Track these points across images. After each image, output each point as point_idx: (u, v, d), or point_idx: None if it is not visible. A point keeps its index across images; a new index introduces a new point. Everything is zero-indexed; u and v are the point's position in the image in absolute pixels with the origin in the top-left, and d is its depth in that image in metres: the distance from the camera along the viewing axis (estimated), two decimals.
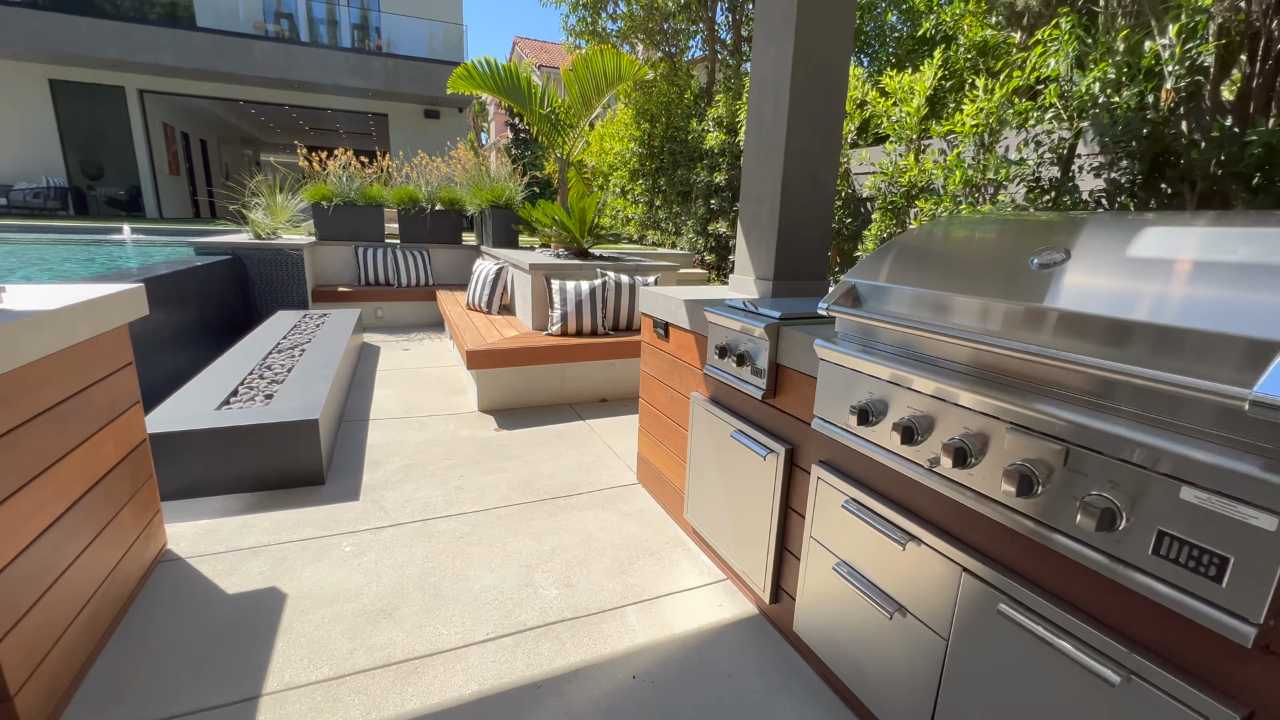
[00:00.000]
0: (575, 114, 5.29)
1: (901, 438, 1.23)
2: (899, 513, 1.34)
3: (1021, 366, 1.07)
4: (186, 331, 4.48)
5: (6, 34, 11.08)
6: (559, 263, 4.45)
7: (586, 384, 4.16)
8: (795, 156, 2.25)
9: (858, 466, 1.49)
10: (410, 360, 5.14)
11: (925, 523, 1.29)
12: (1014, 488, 1.01)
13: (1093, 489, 0.93)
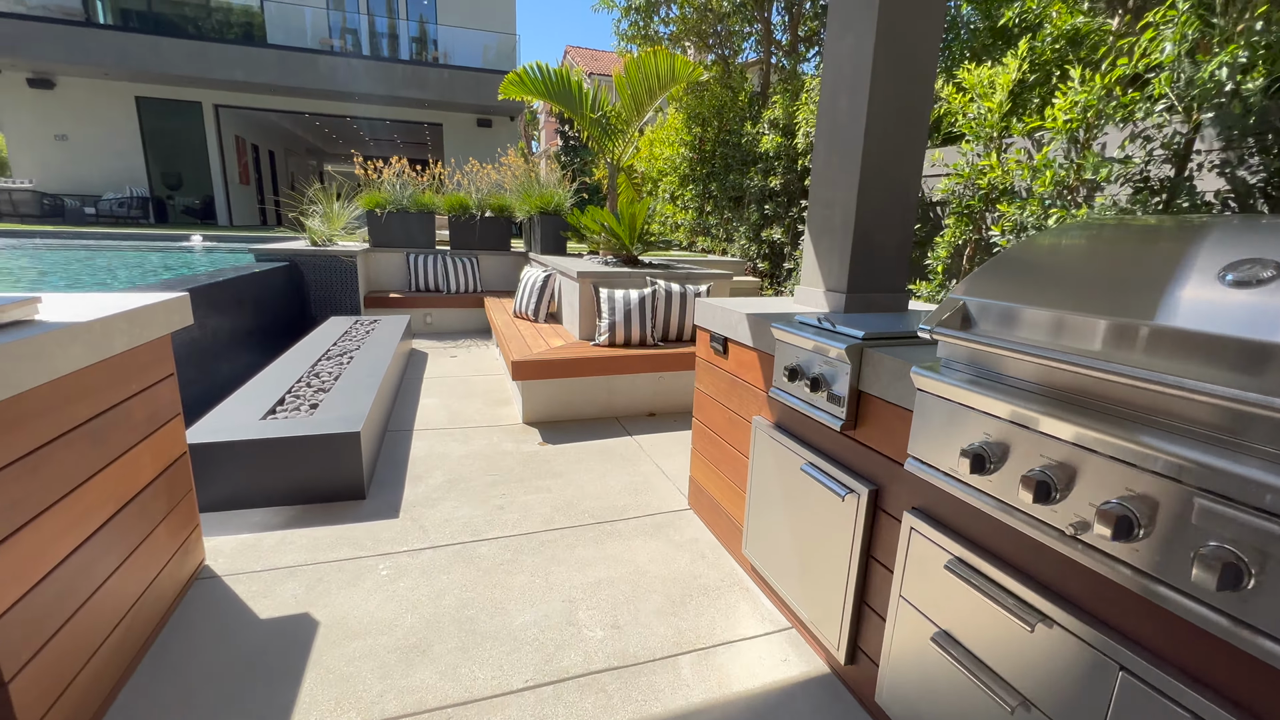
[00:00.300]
0: (626, 118, 5.17)
1: (1034, 494, 0.99)
2: (1026, 585, 1.09)
3: (1235, 418, 0.82)
4: (245, 335, 4.56)
5: (98, 55, 11.89)
6: (607, 270, 4.30)
7: (634, 397, 3.99)
8: (874, 155, 2.02)
9: (967, 521, 1.24)
10: (457, 368, 5.09)
11: (1066, 602, 1.04)
12: (1212, 576, 0.77)
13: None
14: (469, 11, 15.30)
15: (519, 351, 3.79)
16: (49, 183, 13.21)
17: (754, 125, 6.65)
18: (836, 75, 2.11)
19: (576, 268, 4.32)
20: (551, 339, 4.26)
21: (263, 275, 5.05)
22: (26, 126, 13.06)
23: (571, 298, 4.44)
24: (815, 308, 2.24)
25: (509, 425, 3.72)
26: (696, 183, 8.03)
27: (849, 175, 2.05)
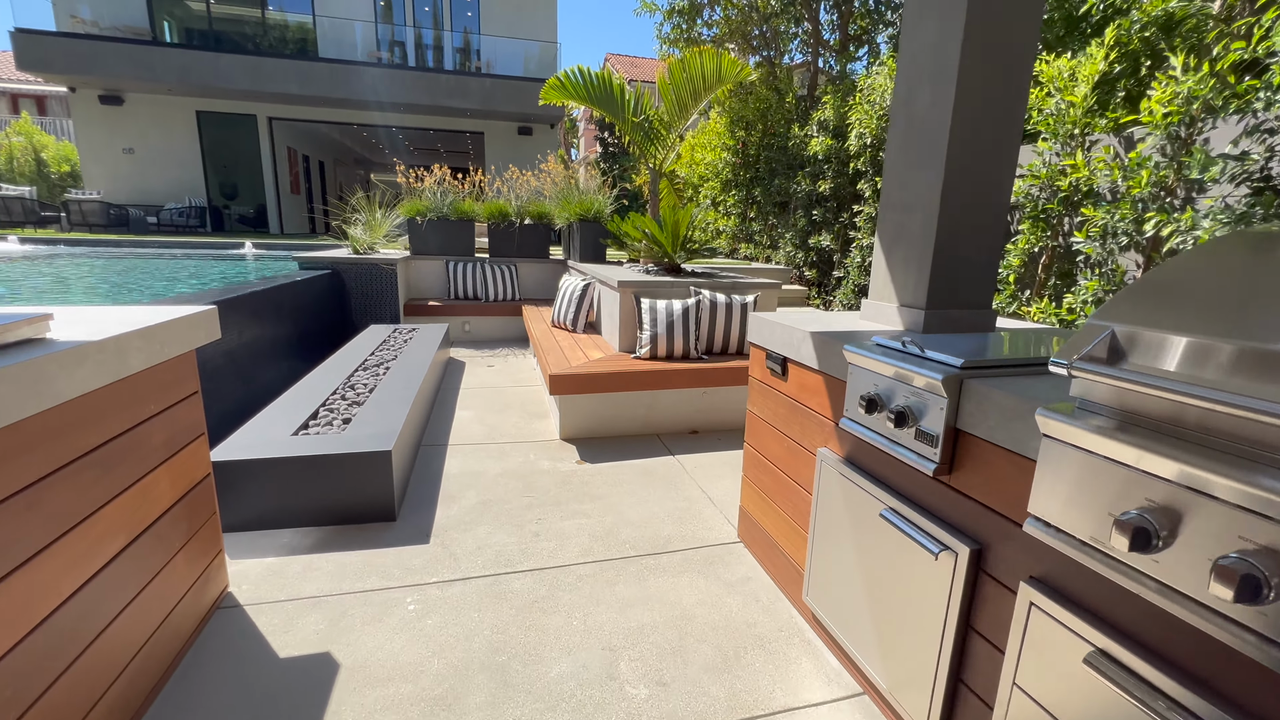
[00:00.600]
0: (669, 122, 4.99)
1: (1235, 590, 0.75)
2: (1223, 709, 0.84)
3: None
4: (288, 343, 4.55)
5: (162, 71, 12.45)
6: (649, 279, 4.12)
7: (676, 413, 3.78)
8: (961, 154, 1.77)
9: (1118, 605, 0.99)
10: (493, 378, 4.99)
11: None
12: None
13: None
14: (511, 21, 15.46)
15: (556, 364, 3.63)
16: (117, 193, 13.90)
17: (802, 128, 6.38)
18: (914, 65, 1.87)
19: (617, 277, 4.15)
20: (590, 351, 4.09)
21: (305, 283, 5.06)
22: (98, 140, 13.78)
23: (611, 308, 4.28)
24: (887, 325, 1.99)
25: (545, 441, 3.57)
26: (739, 188, 7.79)
27: (929, 177, 1.81)
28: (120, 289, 5.64)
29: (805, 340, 1.89)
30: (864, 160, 5.13)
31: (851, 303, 5.49)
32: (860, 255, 5.24)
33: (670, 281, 4.12)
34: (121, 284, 6.11)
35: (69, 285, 5.43)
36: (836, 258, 5.92)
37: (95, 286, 5.83)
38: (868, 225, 5.17)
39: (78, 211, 11.43)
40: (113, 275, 6.34)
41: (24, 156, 14.93)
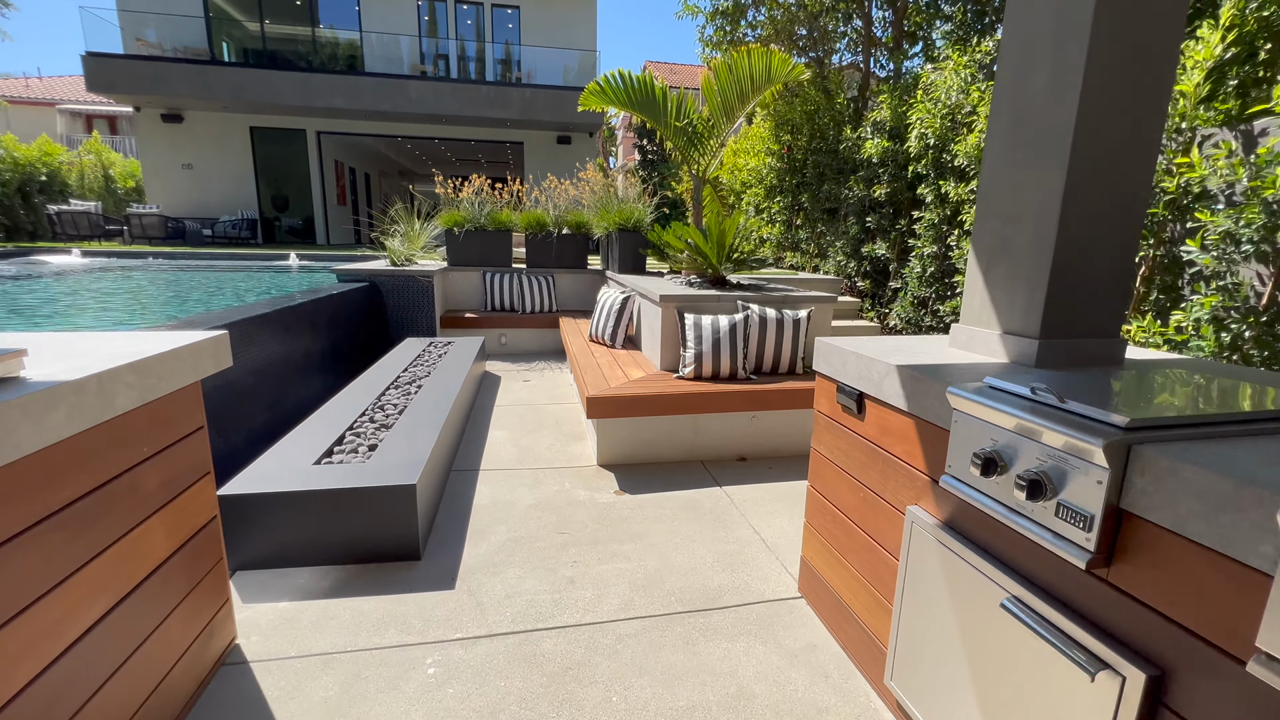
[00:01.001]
0: (715, 125, 4.73)
1: None
2: None
3: None
4: (320, 359, 4.47)
5: (219, 89, 12.92)
6: (693, 293, 3.85)
7: (723, 438, 3.49)
8: (1089, 151, 1.45)
9: None
10: (529, 394, 4.80)
11: None
12: None
13: None
14: (551, 32, 15.51)
15: (594, 385, 3.40)
16: (176, 207, 14.49)
17: (854, 130, 6.02)
18: (1026, 45, 1.56)
19: (658, 290, 3.90)
20: (630, 369, 3.85)
21: (341, 297, 4.99)
22: (159, 157, 14.41)
23: (652, 323, 4.03)
24: (986, 357, 1.68)
25: (582, 467, 3.33)
26: (785, 194, 7.46)
27: (1046, 179, 1.50)
28: (163, 303, 5.71)
29: (890, 375, 1.59)
30: (925, 163, 4.75)
31: (911, 316, 5.09)
32: (920, 265, 4.85)
33: (715, 295, 3.85)
34: (167, 297, 6.21)
35: (111, 299, 5.53)
36: (893, 267, 5.53)
37: (137, 298, 5.93)
38: (929, 233, 4.78)
39: (138, 225, 11.94)
40: (157, 288, 6.46)
41: (93, 173, 15.76)
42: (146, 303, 5.07)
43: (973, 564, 1.28)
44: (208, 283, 7.02)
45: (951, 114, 4.52)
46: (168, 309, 4.79)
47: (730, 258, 4.25)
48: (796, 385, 3.50)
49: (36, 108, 24.15)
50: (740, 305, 3.79)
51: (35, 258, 8.46)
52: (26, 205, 13.37)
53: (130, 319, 4.50)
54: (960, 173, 4.51)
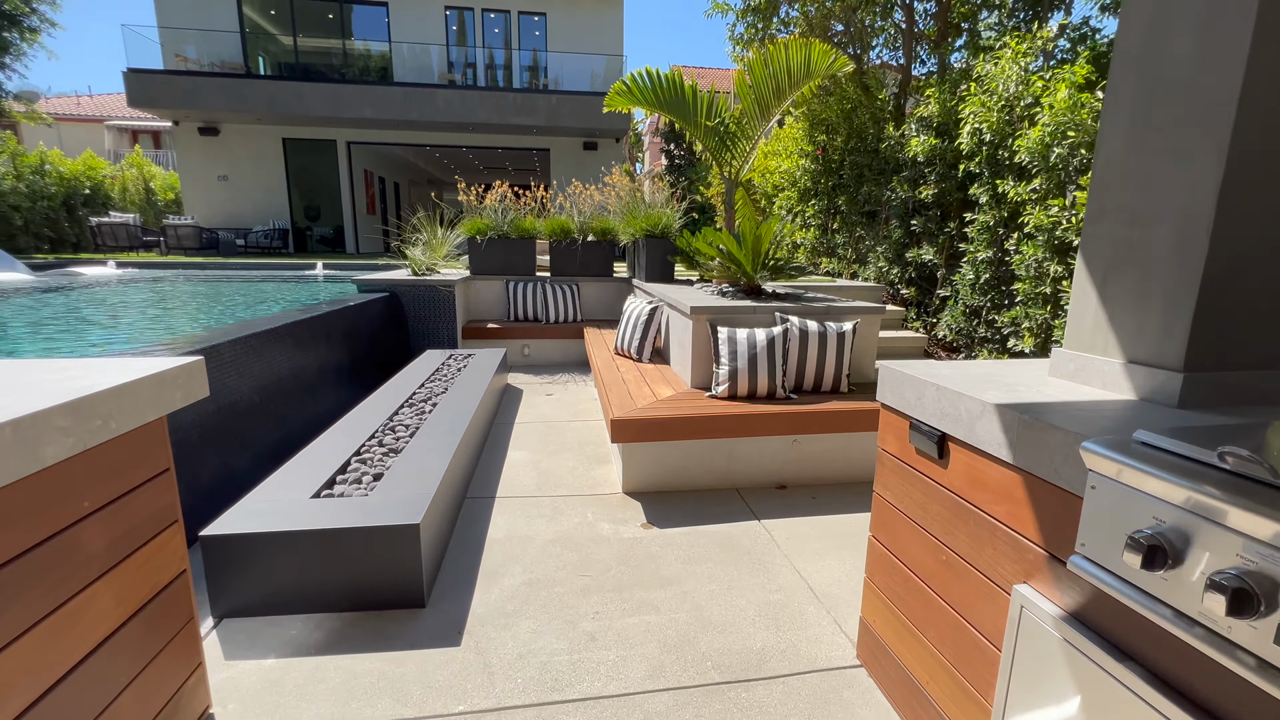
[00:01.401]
0: (748, 125, 4.45)
1: None
2: None
3: None
4: (335, 373, 4.31)
5: (252, 102, 13.14)
6: (726, 304, 3.56)
7: (760, 465, 3.18)
8: (1256, 129, 1.12)
9: None
10: (552, 409, 4.56)
11: None
12: None
13: None
14: (577, 37, 15.42)
15: (620, 406, 3.13)
16: (212, 218, 14.79)
17: (897, 127, 5.66)
18: (1161, 2, 1.24)
19: (689, 301, 3.62)
20: (658, 386, 3.57)
21: (358, 308, 4.84)
22: (196, 169, 14.74)
23: (682, 336, 3.74)
24: (1107, 390, 1.35)
25: (606, 495, 3.06)
26: (819, 197, 7.10)
27: (1195, 169, 1.17)
28: (179, 315, 5.65)
29: (986, 416, 1.27)
30: (979, 161, 4.37)
31: (962, 327, 4.70)
32: (973, 271, 4.46)
33: (751, 306, 3.54)
34: (189, 310, 6.17)
35: (123, 310, 5.48)
36: (941, 274, 5.14)
37: (157, 310, 5.89)
38: (982, 236, 4.40)
39: (174, 236, 12.18)
40: (178, 300, 6.44)
41: (135, 186, 16.23)
42: (161, 315, 5.00)
43: (1124, 682, 0.96)
44: (231, 294, 7.00)
45: (1009, 106, 4.14)
46: (179, 322, 4.70)
47: (766, 265, 3.94)
48: (842, 406, 3.17)
49: (86, 124, 25.15)
50: (778, 317, 3.48)
51: (70, 269, 8.63)
52: (71, 218, 13.80)
53: (142, 334, 4.42)
54: (1020, 170, 4.13)
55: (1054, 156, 3.60)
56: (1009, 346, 4.10)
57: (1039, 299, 3.84)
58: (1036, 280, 3.83)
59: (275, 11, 14.76)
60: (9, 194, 12.19)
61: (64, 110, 25.50)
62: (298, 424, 3.57)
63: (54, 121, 23.74)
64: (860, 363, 3.69)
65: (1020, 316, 3.97)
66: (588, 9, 15.44)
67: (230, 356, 2.90)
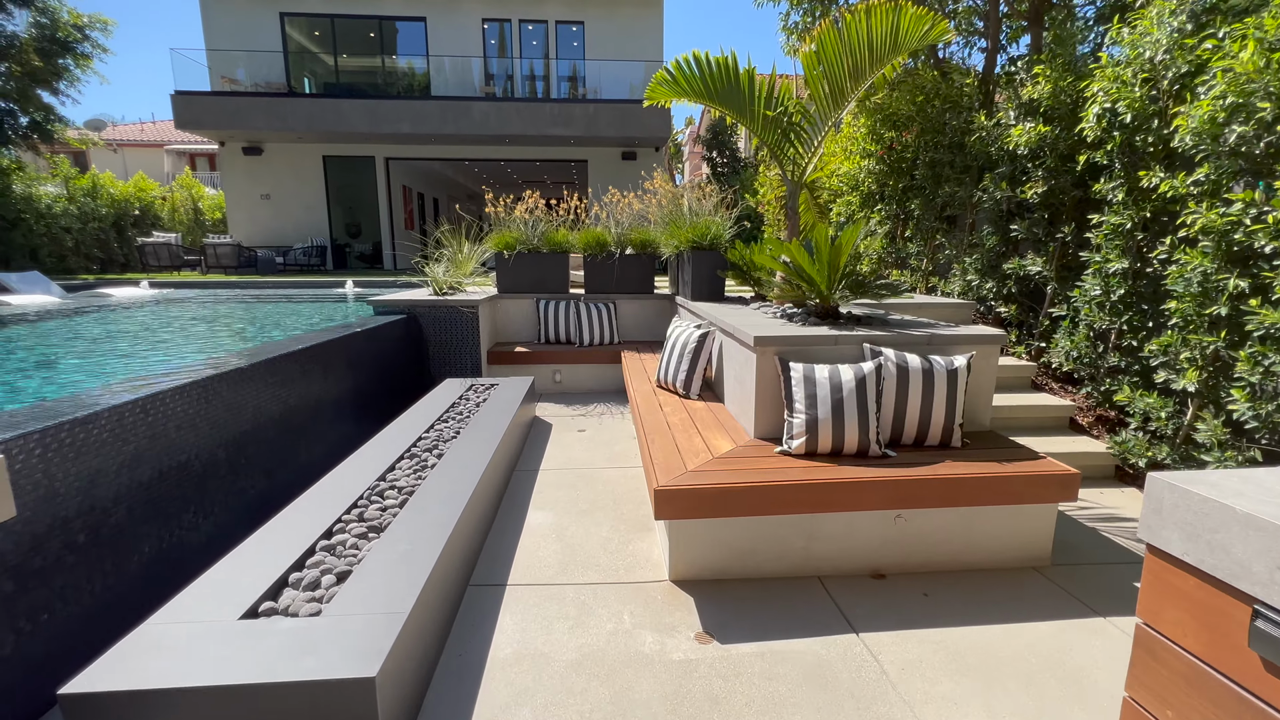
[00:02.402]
0: (818, 114, 3.73)
1: None
2: None
3: None
4: (336, 410, 3.76)
5: (292, 120, 13.15)
6: (800, 333, 2.82)
7: (850, 546, 2.42)
8: None
9: None
10: (583, 450, 3.90)
11: None
12: None
13: None
14: (617, 45, 14.97)
15: (665, 468, 2.43)
16: (255, 236, 14.89)
17: (991, 116, 4.81)
18: None
19: (751, 328, 2.90)
20: (713, 435, 2.85)
21: (371, 332, 4.30)
22: (240, 188, 14.90)
23: (742, 371, 3.02)
24: None
25: (649, 584, 2.36)
26: (887, 200, 6.27)
27: None
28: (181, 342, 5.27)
29: None
30: (1111, 149, 3.52)
31: (1084, 354, 3.81)
32: (1102, 286, 3.59)
33: (831, 335, 2.80)
34: (198, 333, 5.81)
35: (120, 337, 5.12)
36: (1051, 288, 4.26)
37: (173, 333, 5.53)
38: (1114, 243, 3.53)
39: (213, 255, 12.21)
40: (193, 323, 6.10)
41: (184, 207, 16.59)
42: (131, 348, 4.58)
43: None
44: (244, 317, 6.65)
45: (1152, 80, 3.29)
46: (147, 356, 4.25)
47: (844, 281, 3.19)
48: (961, 471, 2.39)
49: (149, 149, 26.29)
50: (867, 350, 2.73)
51: (100, 290, 8.54)
52: (121, 238, 14.10)
53: (124, 365, 3.98)
54: (1171, 158, 3.26)
55: (1233, 137, 2.75)
56: (1157, 381, 3.22)
57: (1205, 322, 2.96)
58: (1201, 298, 2.95)
59: (319, 33, 14.86)
60: (61, 216, 12.48)
61: (130, 136, 26.75)
62: (283, 479, 3.01)
63: (117, 148, 24.90)
64: (974, 407, 2.89)
65: (1175, 344, 3.09)
66: (626, 15, 14.98)
67: (177, 409, 2.34)
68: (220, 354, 3.06)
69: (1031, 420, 3.82)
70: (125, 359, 4.19)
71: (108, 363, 4.06)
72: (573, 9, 14.96)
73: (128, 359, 4.18)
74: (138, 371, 3.29)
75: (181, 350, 4.51)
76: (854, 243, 3.00)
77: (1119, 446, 3.38)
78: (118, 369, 3.77)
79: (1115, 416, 3.74)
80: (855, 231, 2.95)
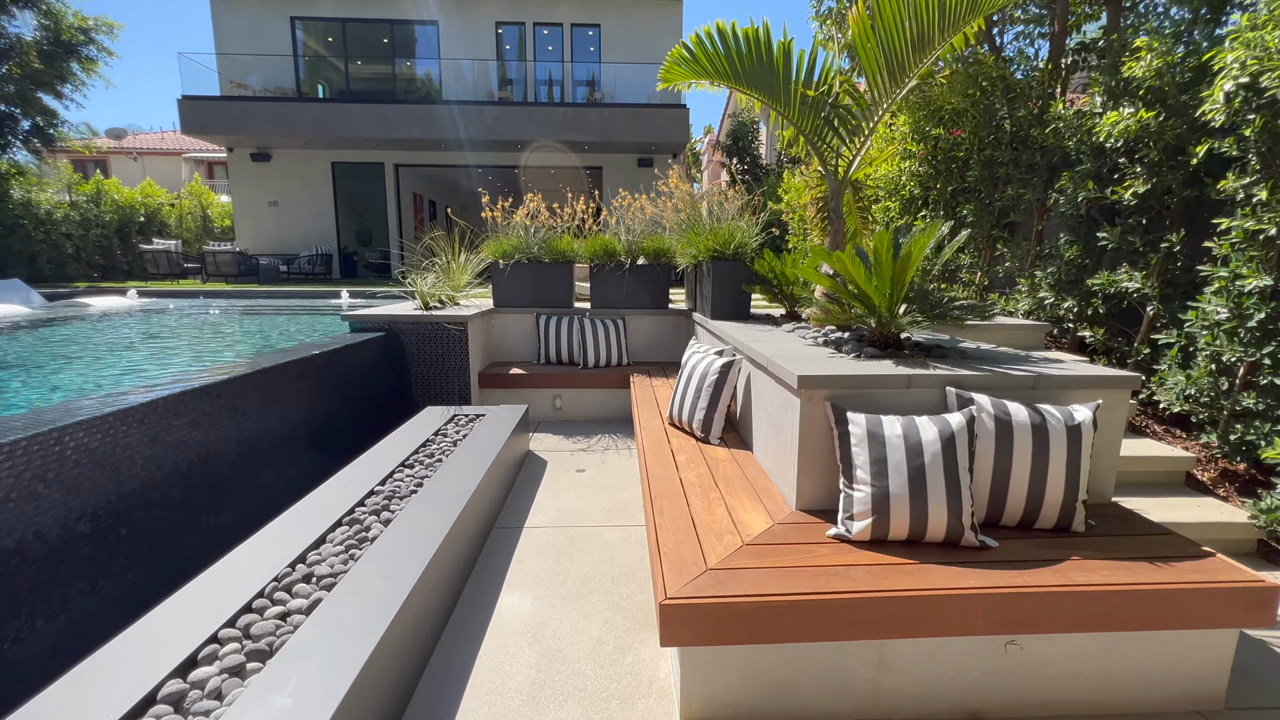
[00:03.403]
0: (871, 93, 3.05)
1: None
2: None
3: None
4: (291, 444, 3.15)
5: (299, 124, 12.80)
6: (859, 371, 2.13)
7: (936, 678, 1.71)
8: None
9: None
10: (580, 499, 3.24)
11: None
12: None
13: None
14: (634, 46, 14.45)
15: (676, 565, 1.74)
16: (262, 243, 14.56)
17: (1068, 106, 4.10)
18: None
19: (793, 363, 2.22)
20: (741, 504, 2.17)
21: (336, 354, 3.70)
22: (249, 195, 14.60)
23: (779, 417, 2.33)
24: None
25: None
26: (931, 206, 5.56)
27: None
28: (93, 363, 4.72)
29: None
30: (1250, 133, 2.78)
31: (1205, 393, 3.05)
32: (1230, 307, 2.84)
33: (902, 376, 2.10)
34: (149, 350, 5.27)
35: (74, 353, 4.59)
36: (1152, 309, 3.50)
37: (57, 360, 5.00)
38: (1249, 254, 2.78)
39: (213, 263, 11.85)
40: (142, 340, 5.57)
41: (192, 214, 16.38)
42: (63, 364, 4.04)
43: None
44: (220, 330, 6.11)
45: None
46: (83, 373, 3.70)
47: (913, 299, 2.50)
48: (1096, 581, 1.67)
49: (169, 157, 26.43)
50: (954, 396, 2.02)
51: (79, 299, 8.13)
52: (125, 245, 13.85)
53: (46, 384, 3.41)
54: None
55: None
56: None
57: None
58: None
59: (332, 39, 14.57)
60: (61, 222, 12.22)
61: (151, 145, 26.93)
62: (219, 523, 2.38)
63: (137, 156, 25.01)
64: (1097, 473, 2.16)
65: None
66: (644, 16, 14.46)
67: (71, 448, 1.72)
68: (133, 381, 2.47)
69: (1137, 475, 3.06)
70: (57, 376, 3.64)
71: (34, 384, 3.51)
72: (588, 11, 14.49)
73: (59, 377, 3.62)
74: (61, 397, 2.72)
75: (102, 375, 3.94)
76: (921, 254, 2.31)
77: (1268, 516, 2.61)
78: (33, 396, 3.21)
79: (1248, 473, 2.97)
80: (928, 237, 2.27)
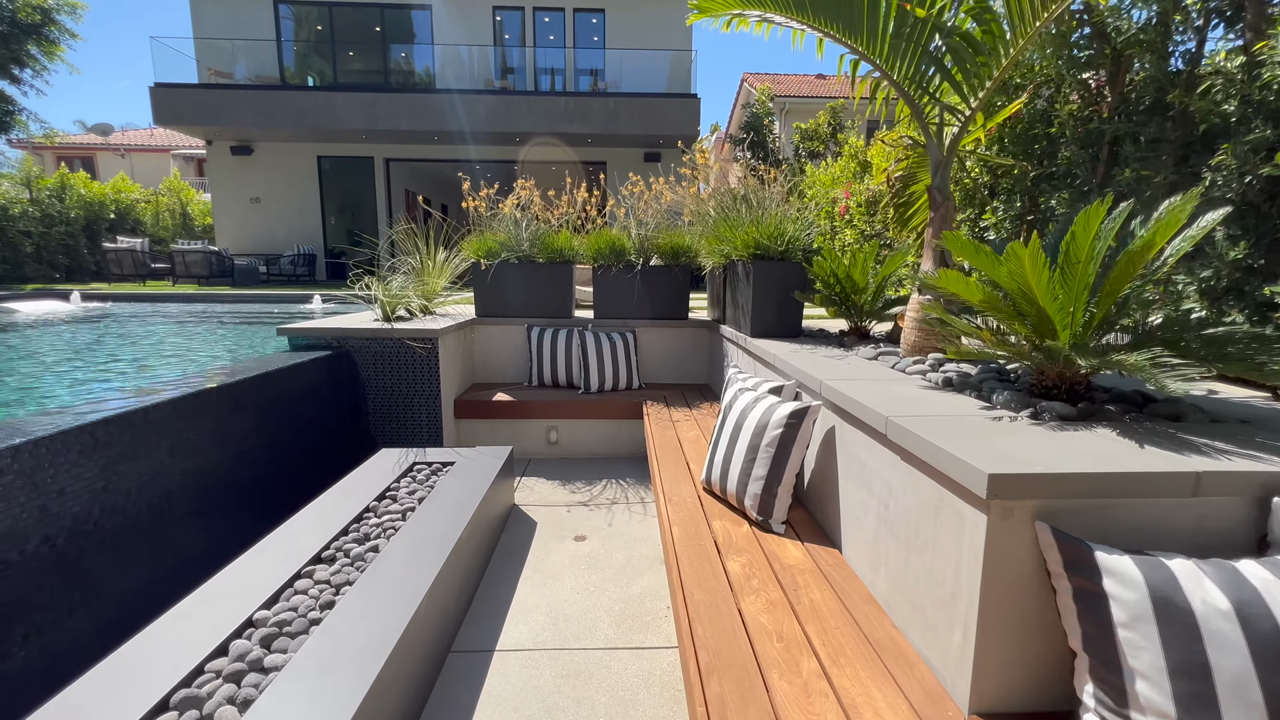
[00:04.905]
0: (1010, 14, 2.09)
1: None
2: None
3: None
4: (203, 500, 2.21)
5: (282, 115, 11.92)
6: (1104, 469, 1.18)
7: None
8: None
9: None
10: (578, 592, 2.30)
11: None
12: None
13: None
14: (640, 33, 13.54)
15: None
16: (243, 242, 13.66)
17: (1224, 54, 3.16)
18: None
19: (960, 442, 1.27)
20: (863, 695, 1.22)
21: (259, 381, 2.77)
22: (228, 191, 13.72)
23: (917, 527, 1.39)
24: None
25: None
26: (1005, 197, 4.62)
27: None
28: None
29: None
30: None
31: None
32: None
33: (1184, 473, 1.15)
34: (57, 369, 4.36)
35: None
36: None
37: None
38: None
39: (182, 263, 10.95)
40: (59, 354, 4.66)
41: (170, 211, 15.50)
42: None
43: None
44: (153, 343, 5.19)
45: None
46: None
47: (1110, 323, 1.56)
48: None
49: (157, 155, 25.59)
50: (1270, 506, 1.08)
51: (7, 305, 7.23)
52: (93, 244, 12.97)
53: None
54: None
55: None
56: None
57: None
58: None
59: (320, 26, 13.68)
60: (19, 219, 11.33)
61: (139, 142, 26.10)
62: (120, 592, 1.45)
63: (125, 153, 24.17)
64: None
65: None
66: (651, 0, 13.55)
67: None
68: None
69: None
70: None
71: None
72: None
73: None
74: None
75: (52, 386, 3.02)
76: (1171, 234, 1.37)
77: None
78: None
79: None
80: (1181, 213, 1.33)
